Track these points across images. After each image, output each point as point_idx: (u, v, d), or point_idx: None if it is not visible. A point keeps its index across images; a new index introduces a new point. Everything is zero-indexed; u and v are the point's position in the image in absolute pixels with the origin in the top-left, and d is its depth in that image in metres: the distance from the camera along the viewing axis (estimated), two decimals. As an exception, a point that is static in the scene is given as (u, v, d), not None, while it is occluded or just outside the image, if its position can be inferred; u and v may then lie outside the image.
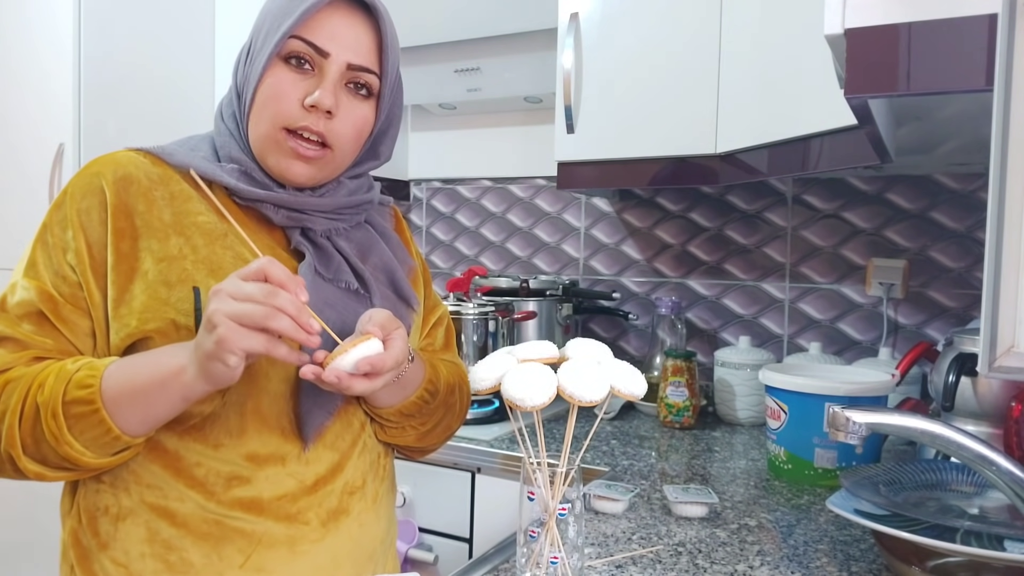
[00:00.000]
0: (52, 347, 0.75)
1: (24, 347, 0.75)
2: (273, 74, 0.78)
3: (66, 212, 0.78)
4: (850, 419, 0.73)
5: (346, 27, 0.79)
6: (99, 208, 0.77)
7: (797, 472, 1.25)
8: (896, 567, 0.86)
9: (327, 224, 0.84)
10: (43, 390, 0.70)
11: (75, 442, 0.71)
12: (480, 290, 1.83)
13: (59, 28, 1.88)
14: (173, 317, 0.75)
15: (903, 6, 0.64)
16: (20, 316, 0.75)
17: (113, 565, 0.77)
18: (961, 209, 1.58)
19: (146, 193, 0.78)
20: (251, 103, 0.80)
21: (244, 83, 0.82)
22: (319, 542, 0.80)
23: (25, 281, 0.76)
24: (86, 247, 0.76)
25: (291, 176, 0.80)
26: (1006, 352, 0.56)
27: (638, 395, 0.76)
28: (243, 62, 0.83)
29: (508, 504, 1.37)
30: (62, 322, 0.76)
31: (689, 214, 1.86)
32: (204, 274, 0.77)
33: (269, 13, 0.81)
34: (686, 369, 1.59)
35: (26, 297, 0.76)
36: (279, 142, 0.79)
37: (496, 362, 0.78)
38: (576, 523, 0.77)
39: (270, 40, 0.78)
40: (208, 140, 0.86)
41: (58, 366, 0.72)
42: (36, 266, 0.77)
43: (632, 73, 1.51)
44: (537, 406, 0.73)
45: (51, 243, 0.77)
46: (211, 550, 0.77)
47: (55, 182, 1.89)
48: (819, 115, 1.10)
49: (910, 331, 1.63)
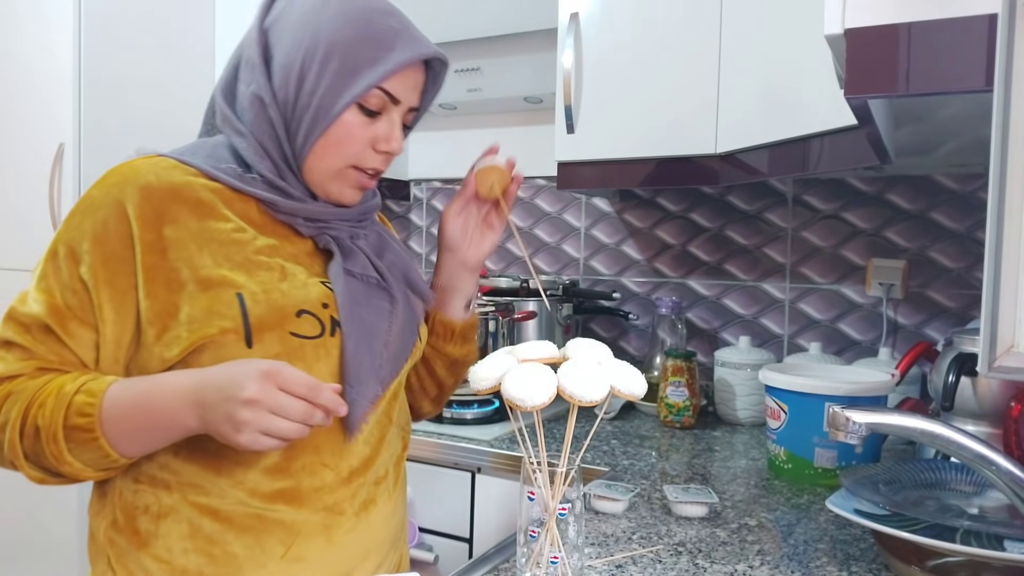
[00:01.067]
0: (56, 360, 0.76)
1: (31, 356, 0.76)
2: (349, 118, 0.80)
3: (82, 224, 0.77)
4: (850, 419, 0.73)
5: (415, 75, 0.84)
6: (118, 221, 0.76)
7: (797, 472, 1.25)
8: (896, 567, 0.86)
9: (349, 230, 0.88)
10: (43, 412, 0.72)
11: (75, 462, 0.73)
12: (480, 290, 1.83)
13: (59, 28, 1.88)
14: (221, 325, 0.75)
15: (903, 6, 0.64)
16: (29, 326, 0.76)
17: (155, 562, 0.79)
18: (961, 209, 1.58)
19: (171, 202, 0.78)
20: (317, 138, 0.81)
21: (304, 110, 0.80)
22: (352, 531, 0.84)
23: (35, 292, 0.77)
24: (102, 261, 0.76)
25: (347, 200, 0.86)
26: (1006, 352, 0.56)
27: (638, 395, 0.76)
28: (295, 81, 0.80)
29: (508, 504, 1.37)
30: (68, 336, 0.76)
31: (689, 214, 1.86)
32: (244, 279, 0.78)
33: (337, 46, 0.79)
34: (686, 369, 1.59)
35: (35, 310, 0.76)
36: (346, 175, 0.83)
37: (496, 362, 0.78)
38: (576, 523, 0.77)
39: (350, 83, 0.79)
40: (226, 147, 0.85)
41: (57, 386, 0.73)
42: (47, 278, 0.77)
43: (632, 73, 1.51)
44: (537, 406, 0.73)
45: (63, 255, 0.77)
46: (253, 542, 0.79)
47: (55, 182, 1.89)
48: (819, 115, 1.10)
49: (910, 331, 1.63)
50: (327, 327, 0.80)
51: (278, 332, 0.77)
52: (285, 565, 0.80)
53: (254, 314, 0.76)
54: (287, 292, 0.79)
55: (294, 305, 0.79)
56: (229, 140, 0.85)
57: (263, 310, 0.77)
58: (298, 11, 0.81)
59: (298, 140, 0.81)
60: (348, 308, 0.81)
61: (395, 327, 0.86)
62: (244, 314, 0.76)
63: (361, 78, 0.78)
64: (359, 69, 0.78)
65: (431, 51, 0.82)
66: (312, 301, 0.80)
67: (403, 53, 0.79)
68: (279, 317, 0.78)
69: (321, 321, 0.80)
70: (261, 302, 0.77)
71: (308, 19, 0.80)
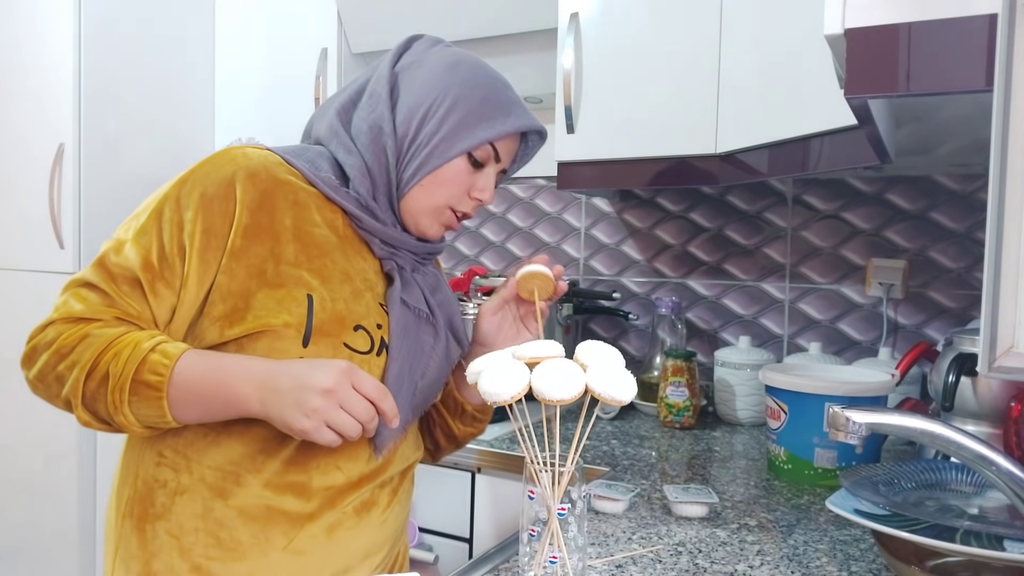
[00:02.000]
0: (135, 314, 0.80)
1: (112, 304, 0.80)
2: (459, 163, 0.89)
3: (191, 192, 0.82)
4: (850, 419, 0.73)
5: (515, 143, 0.95)
6: (224, 199, 0.82)
7: (797, 472, 1.25)
8: (896, 567, 0.86)
9: (413, 262, 0.94)
10: (117, 361, 0.76)
11: (130, 415, 0.77)
12: (480, 290, 1.83)
13: (59, 28, 1.88)
14: (286, 319, 0.81)
15: (903, 6, 0.64)
16: (117, 275, 0.80)
17: (167, 536, 0.83)
18: (961, 209, 1.58)
19: (272, 194, 0.84)
20: (427, 174, 0.89)
21: (421, 146, 0.88)
22: (352, 529, 0.88)
23: (132, 246, 0.81)
24: (201, 232, 0.80)
25: (432, 235, 0.94)
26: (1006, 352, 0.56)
27: (621, 400, 0.74)
28: (418, 120, 0.88)
29: (508, 504, 1.37)
30: (153, 294, 0.80)
31: (689, 214, 1.86)
32: (318, 282, 0.84)
33: (464, 101, 0.88)
34: (686, 369, 1.59)
35: (129, 261, 0.80)
36: (441, 212, 0.92)
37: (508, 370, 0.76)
38: (577, 523, 0.77)
39: (468, 134, 0.88)
40: (327, 159, 0.91)
41: (134, 339, 0.77)
42: (147, 234, 0.81)
43: (632, 73, 1.51)
44: (505, 400, 0.73)
45: (167, 216, 0.81)
46: (259, 531, 0.83)
47: (55, 182, 1.89)
48: (819, 115, 1.10)
49: (910, 331, 1.63)
50: (376, 346, 0.87)
51: (334, 340, 0.83)
52: (286, 556, 0.84)
53: (318, 318, 0.82)
54: (351, 305, 0.85)
55: (354, 319, 0.85)
56: (332, 154, 0.91)
57: (327, 316, 0.83)
58: (432, 65, 0.91)
59: (408, 170, 0.89)
60: (398, 334, 0.88)
61: (434, 361, 0.93)
62: (309, 315, 0.82)
63: (479, 131, 0.88)
64: (479, 123, 0.88)
65: (539, 126, 0.94)
66: (370, 319, 0.87)
67: (517, 120, 0.91)
68: (338, 327, 0.84)
69: (372, 339, 0.86)
70: (327, 308, 0.83)
71: (441, 73, 0.90)
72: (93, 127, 1.91)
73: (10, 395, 2.02)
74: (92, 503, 1.95)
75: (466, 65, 0.91)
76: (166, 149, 2.08)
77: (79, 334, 0.78)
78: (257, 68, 2.12)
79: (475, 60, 0.93)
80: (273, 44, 2.09)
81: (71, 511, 1.93)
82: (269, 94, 2.10)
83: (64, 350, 0.78)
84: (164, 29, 2.07)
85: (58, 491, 1.95)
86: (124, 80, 1.98)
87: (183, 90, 2.12)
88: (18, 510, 2.02)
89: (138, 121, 2.02)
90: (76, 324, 0.79)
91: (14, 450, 2.02)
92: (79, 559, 1.93)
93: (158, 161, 2.05)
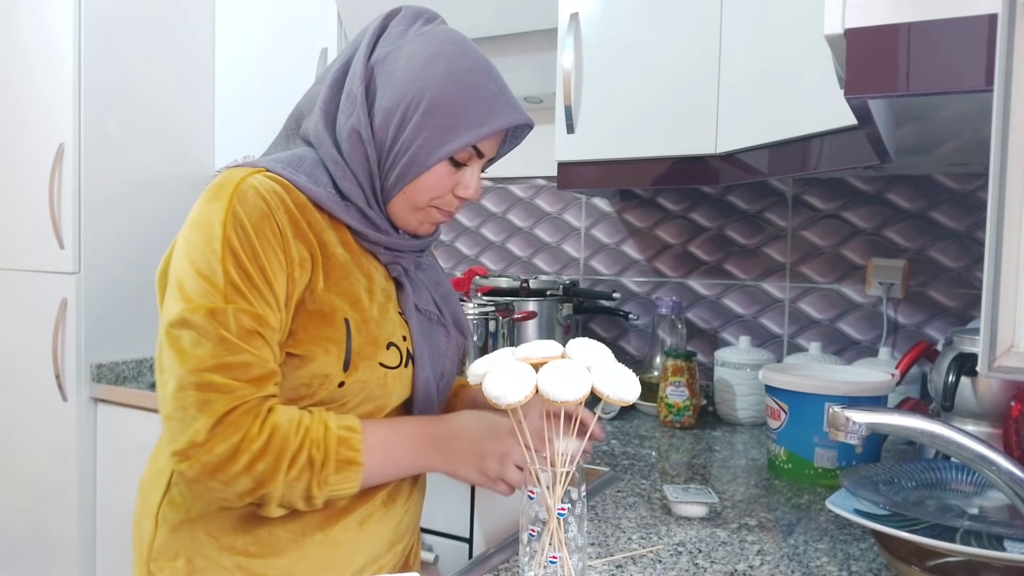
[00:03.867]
0: (271, 369, 0.78)
1: (249, 371, 0.76)
2: (439, 169, 0.86)
3: (250, 238, 0.77)
4: (850, 419, 0.73)
5: (501, 135, 0.91)
6: (274, 235, 0.79)
7: (797, 472, 1.25)
8: (896, 567, 0.86)
9: (415, 260, 0.95)
10: (316, 447, 0.78)
11: (327, 493, 0.79)
12: (480, 290, 1.83)
13: (59, 28, 1.88)
14: (327, 346, 0.82)
15: (903, 6, 0.64)
16: (243, 339, 0.76)
17: (206, 536, 0.85)
18: (961, 209, 1.58)
19: (297, 221, 0.82)
20: (409, 182, 0.86)
21: (400, 154, 0.85)
22: (381, 520, 0.91)
23: (235, 307, 0.76)
24: (273, 275, 0.78)
25: (423, 232, 0.93)
26: (1006, 352, 0.56)
27: (627, 400, 0.74)
28: (395, 126, 0.85)
29: (508, 504, 1.37)
30: (277, 345, 0.79)
31: (689, 214, 1.86)
32: (348, 306, 0.84)
33: (442, 103, 0.83)
34: (686, 369, 1.59)
35: (242, 322, 0.76)
36: (428, 212, 0.90)
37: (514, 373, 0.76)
38: (577, 523, 0.77)
39: (447, 139, 0.84)
40: (321, 168, 0.88)
41: (320, 420, 0.79)
42: (241, 291, 0.76)
43: (632, 73, 1.51)
44: (512, 404, 0.72)
45: (246, 268, 0.77)
46: (296, 527, 0.85)
47: (55, 182, 1.89)
48: (819, 115, 1.10)
49: (910, 331, 1.63)
50: (403, 359, 0.88)
51: (370, 362, 0.84)
52: (322, 550, 0.86)
53: (356, 342, 0.83)
54: (380, 324, 0.86)
55: (385, 337, 0.86)
56: (324, 162, 0.88)
57: (363, 339, 0.84)
58: (406, 60, 0.85)
59: (390, 179, 0.87)
60: (420, 343, 0.90)
61: (448, 359, 0.97)
62: (348, 341, 0.82)
63: (460, 136, 0.84)
64: (459, 127, 0.84)
65: (523, 119, 0.89)
66: (397, 334, 0.88)
67: (500, 119, 0.85)
68: (373, 348, 0.85)
69: (401, 353, 0.88)
70: (363, 331, 0.84)
71: (417, 68, 0.84)
72: (93, 127, 1.91)
73: (10, 395, 2.02)
74: (92, 503, 1.95)
75: (444, 57, 0.85)
76: (166, 149, 2.08)
77: (267, 428, 0.76)
78: (257, 68, 2.12)
79: (454, 49, 0.86)
80: (273, 44, 2.09)
81: (71, 511, 1.93)
82: (269, 94, 2.10)
83: (256, 447, 0.75)
84: (164, 29, 2.07)
85: (58, 491, 1.95)
86: (124, 80, 1.98)
87: (183, 90, 2.12)
88: (18, 510, 2.02)
89: (138, 121, 2.02)
90: (251, 415, 0.76)
91: (14, 450, 2.02)
92: (79, 559, 1.93)
93: (158, 161, 2.06)
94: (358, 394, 0.84)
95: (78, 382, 1.91)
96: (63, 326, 1.91)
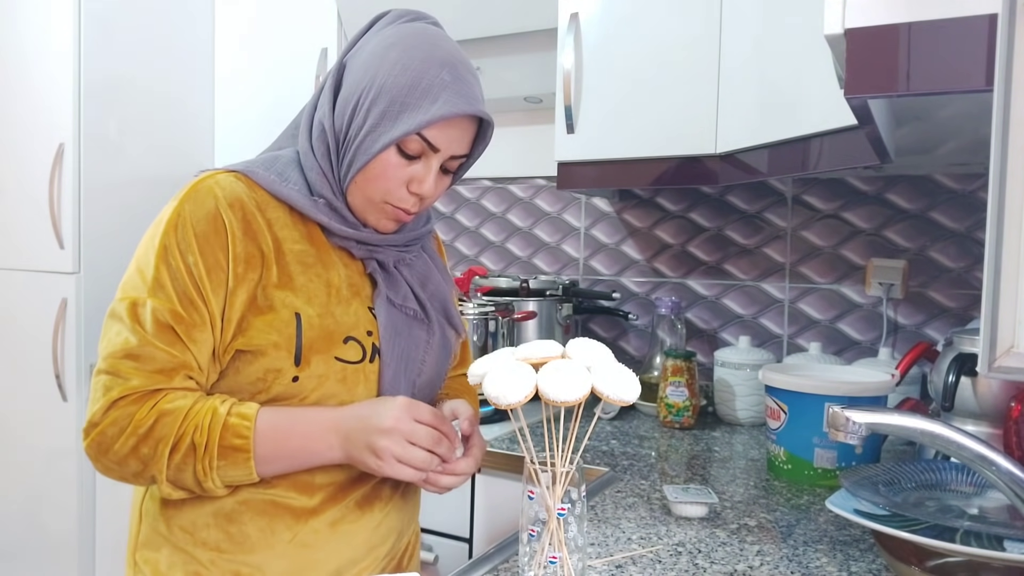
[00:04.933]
0: (179, 361, 0.81)
1: (161, 368, 0.80)
2: (387, 157, 0.84)
3: (185, 235, 0.81)
4: (850, 419, 0.73)
5: (460, 127, 0.86)
6: (217, 233, 0.81)
7: (797, 472, 1.25)
8: (896, 567, 0.86)
9: (396, 255, 0.93)
10: (200, 431, 0.79)
11: (218, 479, 0.80)
12: (480, 290, 1.83)
13: (59, 28, 1.88)
14: (275, 340, 0.82)
15: (903, 6, 0.64)
16: (151, 333, 0.80)
17: (181, 532, 0.87)
18: (961, 209, 1.58)
19: (252, 219, 0.84)
20: (359, 170, 0.85)
21: (351, 142, 0.85)
22: (355, 523, 0.90)
23: (153, 301, 0.80)
24: (207, 270, 0.81)
25: (383, 229, 0.91)
26: (1006, 352, 0.56)
27: (627, 400, 0.74)
28: (348, 114, 0.85)
29: (508, 504, 1.37)
30: (192, 341, 0.81)
31: (689, 214, 1.86)
32: (302, 301, 0.84)
33: (387, 90, 0.83)
34: (686, 369, 1.59)
35: (158, 315, 0.80)
36: (382, 208, 0.88)
37: (514, 373, 0.76)
38: (577, 523, 0.77)
39: (390, 126, 0.83)
40: (295, 166, 0.90)
41: (209, 407, 0.80)
42: (163, 286, 0.81)
43: (632, 73, 1.51)
44: (512, 404, 0.73)
45: (174, 265, 0.81)
46: (265, 525, 0.86)
47: (55, 182, 1.89)
48: (819, 115, 1.10)
49: (910, 331, 1.63)
50: (368, 353, 0.87)
51: (324, 356, 0.84)
52: (292, 549, 0.87)
53: (307, 336, 0.83)
54: (339, 318, 0.86)
55: (343, 331, 0.86)
56: (298, 158, 0.90)
57: (316, 334, 0.84)
58: (367, 52, 0.87)
59: (343, 169, 0.87)
60: (389, 338, 0.88)
61: (430, 357, 0.94)
62: (299, 335, 0.83)
63: (401, 123, 0.82)
64: (401, 115, 0.82)
65: (472, 109, 0.84)
66: (359, 329, 0.87)
67: (443, 107, 0.82)
68: (328, 343, 0.84)
69: (363, 348, 0.87)
70: (315, 326, 0.84)
71: (372, 60, 0.85)
72: (93, 127, 1.91)
73: (10, 395, 2.02)
74: (92, 503, 1.95)
75: (399, 47, 0.84)
76: (166, 149, 2.08)
77: (153, 413, 0.79)
78: (257, 68, 2.12)
79: (413, 41, 0.85)
80: (273, 44, 2.09)
81: (71, 511, 1.93)
82: (269, 94, 2.10)
83: (142, 431, 0.79)
84: (164, 29, 2.07)
85: (58, 491, 1.95)
86: (124, 80, 1.98)
87: (183, 90, 2.12)
88: (18, 510, 2.02)
89: (138, 121, 2.02)
90: (142, 401, 0.79)
91: (14, 450, 2.02)
92: (79, 559, 1.93)
93: (158, 161, 2.05)
94: (315, 389, 0.84)
95: (78, 382, 1.91)
96: (63, 326, 1.91)
